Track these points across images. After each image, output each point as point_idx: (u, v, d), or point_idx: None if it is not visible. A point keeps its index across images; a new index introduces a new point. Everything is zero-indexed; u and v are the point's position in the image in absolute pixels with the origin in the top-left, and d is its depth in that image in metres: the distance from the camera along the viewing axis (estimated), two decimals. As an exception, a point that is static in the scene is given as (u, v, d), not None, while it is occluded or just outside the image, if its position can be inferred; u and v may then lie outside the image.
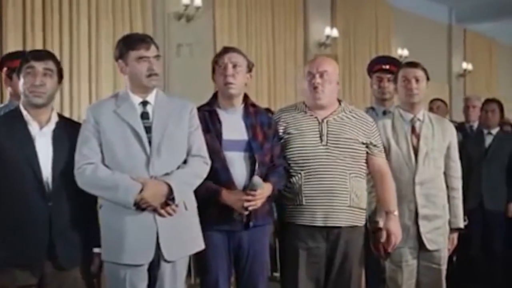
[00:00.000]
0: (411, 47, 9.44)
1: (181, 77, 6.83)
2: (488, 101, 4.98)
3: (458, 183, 3.41)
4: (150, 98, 2.74)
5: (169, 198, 2.63)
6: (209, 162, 2.80)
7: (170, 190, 2.61)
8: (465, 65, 11.31)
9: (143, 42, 2.69)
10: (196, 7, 6.96)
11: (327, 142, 3.06)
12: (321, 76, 3.10)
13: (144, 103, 2.73)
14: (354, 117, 3.17)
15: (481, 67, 11.79)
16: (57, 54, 5.59)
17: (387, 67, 3.90)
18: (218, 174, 2.87)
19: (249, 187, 2.83)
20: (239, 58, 3.02)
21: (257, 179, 2.83)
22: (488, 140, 4.87)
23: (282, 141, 3.10)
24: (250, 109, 3.06)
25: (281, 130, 3.12)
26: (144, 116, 2.71)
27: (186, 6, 6.93)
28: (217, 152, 2.87)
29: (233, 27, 7.48)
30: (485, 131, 4.91)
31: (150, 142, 2.65)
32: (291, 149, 3.08)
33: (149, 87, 2.72)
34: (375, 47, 9.19)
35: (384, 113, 3.82)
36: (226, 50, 3.05)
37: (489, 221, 4.74)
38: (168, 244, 2.65)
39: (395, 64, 3.91)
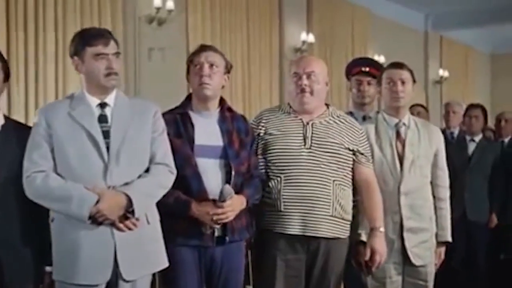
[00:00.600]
0: (388, 53, 9.31)
1: (153, 83, 6.57)
2: (471, 106, 4.81)
3: (445, 193, 3.21)
4: (109, 99, 2.49)
5: (129, 211, 2.38)
6: (175, 171, 2.56)
7: (130, 201, 2.36)
8: (441, 72, 11.24)
9: (101, 37, 2.44)
10: (169, 10, 6.72)
11: (310, 145, 2.85)
12: (308, 77, 2.89)
13: (102, 105, 2.48)
14: (342, 123, 2.96)
15: (457, 74, 11.72)
16: (22, 57, 5.45)
17: (367, 69, 3.69)
18: (189, 182, 2.63)
19: (218, 198, 2.60)
20: (216, 57, 2.79)
21: (227, 188, 2.59)
22: (471, 147, 4.70)
23: (262, 142, 2.89)
24: (227, 114, 2.83)
25: (262, 131, 2.91)
26: (102, 119, 2.45)
27: (158, 9, 6.68)
28: (188, 158, 2.64)
29: (207, 31, 7.27)
30: (468, 138, 4.74)
31: (108, 148, 2.40)
32: (271, 151, 2.86)
33: (108, 87, 2.47)
34: (351, 53, 9.02)
35: (364, 118, 3.61)
36: (203, 48, 2.82)
37: (472, 232, 4.56)
38: (128, 262, 2.39)
39: (375, 66, 3.71)
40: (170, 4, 6.69)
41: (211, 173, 2.66)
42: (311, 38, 8.45)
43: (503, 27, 10.70)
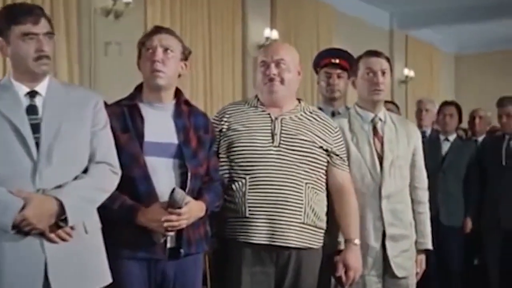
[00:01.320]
0: (353, 51, 9.03)
1: (109, 78, 6.26)
2: (445, 104, 4.54)
3: (425, 196, 2.92)
4: (40, 88, 2.13)
5: (61, 219, 2.02)
6: (119, 171, 2.21)
7: (62, 207, 2.00)
8: (406, 72, 11.11)
9: (30, 14, 2.07)
10: (126, 2, 6.40)
11: (279, 143, 2.53)
12: (278, 65, 2.57)
13: (32, 94, 2.11)
14: (315, 119, 2.65)
15: (423, 74, 11.63)
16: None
17: (337, 61, 3.38)
18: (136, 185, 2.29)
19: (168, 203, 2.24)
20: (172, 41, 2.43)
21: (178, 193, 2.24)
22: (445, 147, 4.44)
23: (225, 139, 2.56)
24: (183, 108, 2.47)
25: (225, 126, 2.58)
26: (31, 110, 2.09)
27: (115, 1, 6.38)
28: (136, 157, 2.30)
29: (166, 25, 6.93)
30: (442, 137, 4.47)
31: (38, 145, 2.04)
32: (235, 149, 2.53)
33: (38, 74, 2.11)
34: (316, 50, 8.77)
35: (333, 114, 3.30)
36: (157, 30, 2.46)
37: (445, 237, 4.29)
38: (61, 279, 2.03)
39: (346, 58, 3.39)
40: (127, -4, 6.37)
41: (162, 175, 2.32)
42: (274, 34, 8.27)
43: (467, 27, 10.66)
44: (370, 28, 10.35)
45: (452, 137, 4.49)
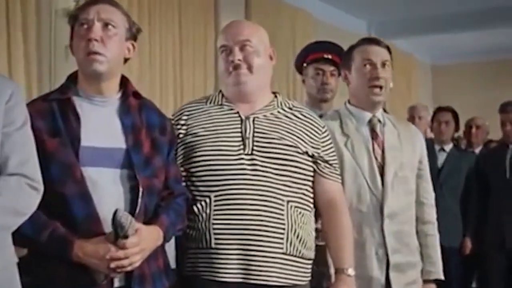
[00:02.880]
0: (330, 60, 8.91)
1: (70, 84, 5.80)
2: (441, 110, 4.13)
3: (433, 214, 2.44)
4: None
5: None
6: (40, 186, 1.71)
7: None
8: (384, 82, 10.86)
9: None
10: (89, 3, 5.98)
11: (252, 150, 2.02)
12: (242, 48, 2.08)
13: None
14: (297, 117, 2.14)
15: (400, 84, 11.37)
16: None
17: (329, 56, 2.93)
18: (71, 205, 1.77)
19: (113, 232, 1.73)
20: (114, 14, 1.90)
21: (122, 216, 1.72)
22: (441, 158, 4.03)
23: (183, 147, 2.05)
24: (132, 101, 1.96)
25: (182, 131, 2.07)
26: None
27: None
28: (69, 168, 1.79)
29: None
30: (437, 147, 4.06)
31: None
32: (196, 160, 2.02)
33: None
34: (293, 58, 8.47)
35: (320, 117, 2.83)
36: (94, 0, 1.92)
37: (442, 258, 3.87)
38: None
39: (338, 53, 2.93)
40: (91, -4, 5.96)
41: (106, 191, 1.81)
42: (250, 41, 7.92)
43: (445, 37, 10.52)
44: (347, 36, 10.05)
45: (448, 147, 4.08)
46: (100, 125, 1.88)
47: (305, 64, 3.02)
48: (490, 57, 11.37)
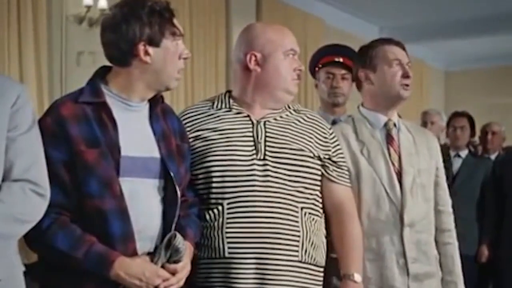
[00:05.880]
0: (342, 66, 8.90)
1: (81, 90, 5.85)
2: (456, 115, 4.07)
3: (451, 222, 2.38)
4: None
5: None
6: (47, 193, 1.64)
7: None
8: (396, 87, 10.85)
9: None
10: (101, 9, 5.97)
11: (264, 155, 1.96)
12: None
13: None
14: (304, 120, 2.10)
15: (412, 90, 11.34)
16: None
17: (341, 59, 2.87)
18: (109, 222, 1.69)
19: (163, 254, 1.68)
20: None
21: (179, 242, 1.67)
22: (456, 164, 3.97)
23: (191, 152, 1.98)
24: (158, 107, 1.89)
25: (190, 136, 1.99)
26: None
27: (89, 7, 5.99)
28: (109, 183, 1.70)
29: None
30: (452, 153, 4.00)
31: None
32: (207, 164, 1.96)
33: None
34: (304, 63, 8.43)
35: (334, 123, 2.75)
36: None
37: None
38: None
39: (350, 56, 2.87)
40: (102, 3, 5.94)
41: (145, 203, 1.75)
42: (261, 46, 7.93)
43: (457, 42, 10.50)
44: (359, 42, 10.02)
45: (463, 153, 4.02)
46: (135, 132, 1.80)
47: (317, 69, 2.97)
48: (502, 62, 11.32)
